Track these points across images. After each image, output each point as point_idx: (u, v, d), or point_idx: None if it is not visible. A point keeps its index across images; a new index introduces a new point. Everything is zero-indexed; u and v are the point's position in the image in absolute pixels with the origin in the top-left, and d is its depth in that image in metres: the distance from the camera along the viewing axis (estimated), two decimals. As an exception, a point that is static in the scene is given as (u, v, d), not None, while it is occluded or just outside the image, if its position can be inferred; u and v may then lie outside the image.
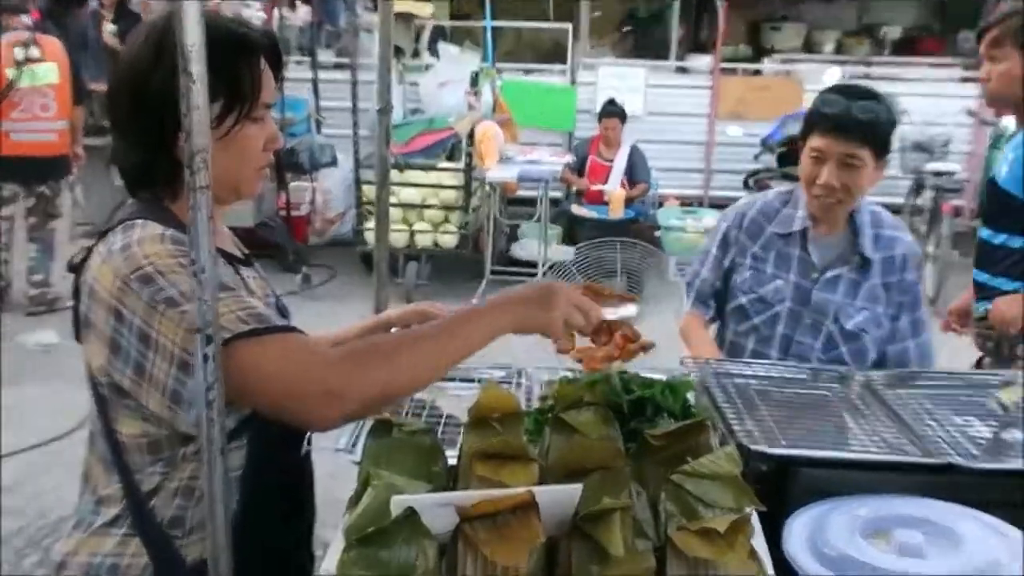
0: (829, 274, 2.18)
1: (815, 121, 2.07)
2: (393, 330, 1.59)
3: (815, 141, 2.07)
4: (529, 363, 1.78)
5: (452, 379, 1.79)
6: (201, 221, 0.97)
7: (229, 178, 1.29)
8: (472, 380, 1.80)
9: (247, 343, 1.13)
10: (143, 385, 1.19)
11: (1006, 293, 2.47)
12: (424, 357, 1.21)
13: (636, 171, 7.23)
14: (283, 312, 1.42)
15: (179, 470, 1.25)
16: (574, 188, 7.54)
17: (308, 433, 1.35)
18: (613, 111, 7.16)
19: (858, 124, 2.01)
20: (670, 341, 2.16)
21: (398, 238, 6.29)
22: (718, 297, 2.31)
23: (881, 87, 2.39)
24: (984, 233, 2.54)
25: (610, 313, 1.46)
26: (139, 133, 1.26)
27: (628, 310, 1.52)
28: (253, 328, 1.14)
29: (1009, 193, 2.44)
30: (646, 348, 1.51)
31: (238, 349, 1.12)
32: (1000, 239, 2.48)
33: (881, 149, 2.05)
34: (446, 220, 6.42)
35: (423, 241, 6.40)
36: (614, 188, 7.09)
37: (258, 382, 1.13)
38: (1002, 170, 2.48)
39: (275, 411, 1.17)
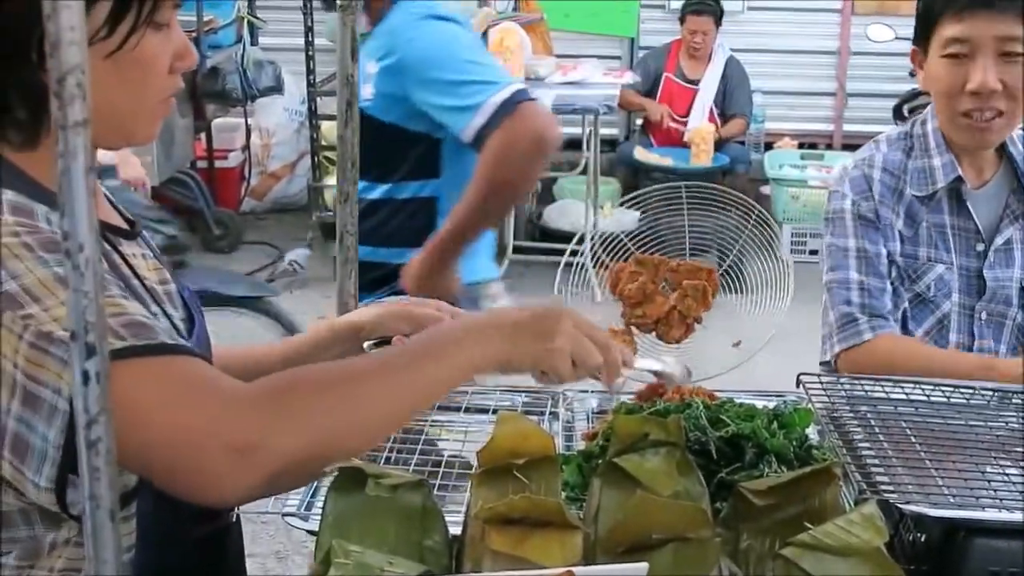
0: (999, 240, 2.19)
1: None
2: (366, 344, 1.61)
3: (949, 29, 2.05)
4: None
5: (457, 407, 1.80)
6: (76, 174, 0.95)
7: (117, 114, 1.29)
8: (485, 410, 1.81)
9: (116, 368, 1.10)
10: None
11: None
12: (382, 397, 1.24)
13: (733, 97, 7.22)
14: (191, 311, 1.44)
15: (45, 561, 1.25)
16: (639, 122, 7.51)
17: None
18: (703, 5, 7.11)
19: None
20: (778, 346, 2.15)
21: (375, 200, 6.31)
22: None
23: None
24: None
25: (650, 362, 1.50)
26: None
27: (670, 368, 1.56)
28: (130, 346, 1.15)
29: None
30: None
31: None
32: None
33: None
34: (446, 173, 6.43)
35: (412, 205, 6.42)
36: (700, 123, 7.08)
37: (130, 429, 1.12)
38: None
39: (155, 472, 1.18)
